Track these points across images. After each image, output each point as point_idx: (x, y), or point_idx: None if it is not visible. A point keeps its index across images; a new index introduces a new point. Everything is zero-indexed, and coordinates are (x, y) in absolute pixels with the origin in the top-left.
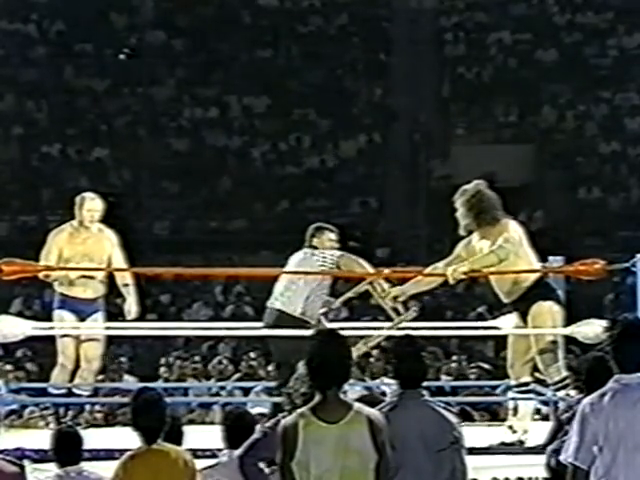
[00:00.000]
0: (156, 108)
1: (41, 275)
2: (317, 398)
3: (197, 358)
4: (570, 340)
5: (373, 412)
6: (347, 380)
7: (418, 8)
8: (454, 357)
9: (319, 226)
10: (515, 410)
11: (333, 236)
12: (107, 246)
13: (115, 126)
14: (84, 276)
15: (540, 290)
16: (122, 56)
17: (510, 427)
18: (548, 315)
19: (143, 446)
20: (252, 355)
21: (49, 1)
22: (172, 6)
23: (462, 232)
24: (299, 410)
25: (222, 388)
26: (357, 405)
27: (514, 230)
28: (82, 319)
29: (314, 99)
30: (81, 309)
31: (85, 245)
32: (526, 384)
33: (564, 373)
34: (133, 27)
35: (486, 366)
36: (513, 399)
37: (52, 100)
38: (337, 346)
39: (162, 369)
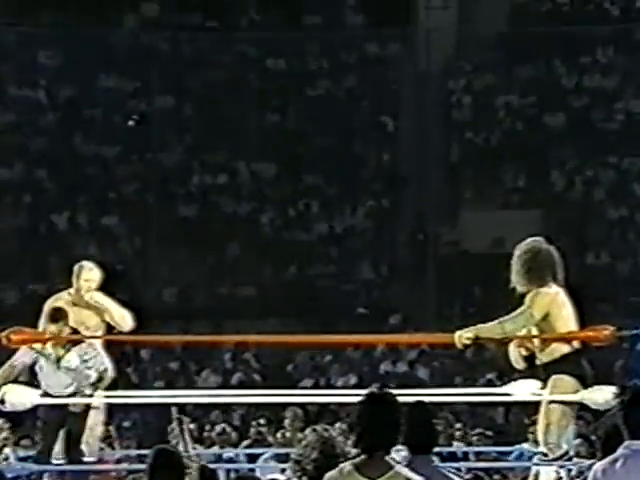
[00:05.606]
0: (165, 174)
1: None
2: (362, 457)
3: (207, 426)
4: (580, 406)
5: (413, 475)
6: (395, 444)
7: (426, 70)
8: (457, 425)
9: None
10: (536, 477)
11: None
12: (103, 313)
13: (124, 193)
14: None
15: (567, 363)
16: (131, 122)
17: None
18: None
19: None
20: (261, 422)
21: (58, 66)
22: (181, 70)
23: (518, 289)
24: (341, 465)
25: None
26: (398, 466)
27: (546, 304)
28: None
29: (322, 164)
30: None
31: (81, 313)
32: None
33: (564, 447)
34: (142, 92)
35: (488, 432)
36: (536, 464)
37: (61, 168)
38: (389, 410)
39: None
